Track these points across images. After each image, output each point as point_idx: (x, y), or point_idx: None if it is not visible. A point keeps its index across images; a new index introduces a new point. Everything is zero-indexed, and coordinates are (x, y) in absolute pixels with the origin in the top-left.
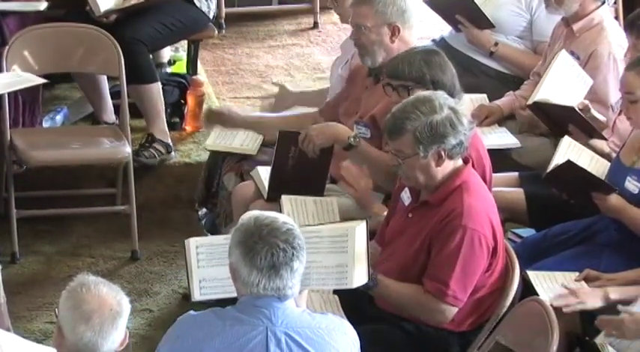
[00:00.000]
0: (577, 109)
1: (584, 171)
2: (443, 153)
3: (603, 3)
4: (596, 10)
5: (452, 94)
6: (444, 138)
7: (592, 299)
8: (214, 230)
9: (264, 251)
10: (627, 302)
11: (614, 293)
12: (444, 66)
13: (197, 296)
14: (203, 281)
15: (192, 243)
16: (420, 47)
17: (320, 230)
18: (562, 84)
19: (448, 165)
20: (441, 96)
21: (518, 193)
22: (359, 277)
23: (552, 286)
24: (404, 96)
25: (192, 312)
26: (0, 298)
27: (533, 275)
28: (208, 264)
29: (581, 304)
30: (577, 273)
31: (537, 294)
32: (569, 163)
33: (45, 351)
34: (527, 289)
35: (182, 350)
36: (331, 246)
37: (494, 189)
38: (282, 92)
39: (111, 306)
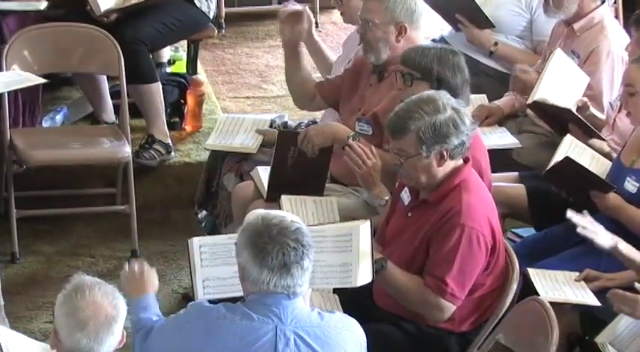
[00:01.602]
0: (574, 111)
1: (583, 168)
2: (445, 153)
3: (603, 2)
4: (596, 9)
5: (455, 97)
6: (447, 138)
7: (603, 238)
8: (215, 232)
9: (275, 251)
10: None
11: (624, 248)
12: (457, 69)
13: (200, 295)
14: (206, 281)
15: (196, 242)
16: (442, 45)
17: (324, 229)
18: (559, 82)
19: (449, 165)
20: (444, 96)
21: (519, 188)
22: (363, 276)
23: (552, 285)
24: (407, 85)
25: (204, 302)
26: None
27: (533, 273)
28: (212, 263)
29: (592, 234)
30: (577, 273)
31: (537, 293)
32: (567, 160)
33: (46, 350)
34: (527, 287)
35: (190, 336)
36: (335, 245)
37: (495, 183)
38: None
39: (106, 312)
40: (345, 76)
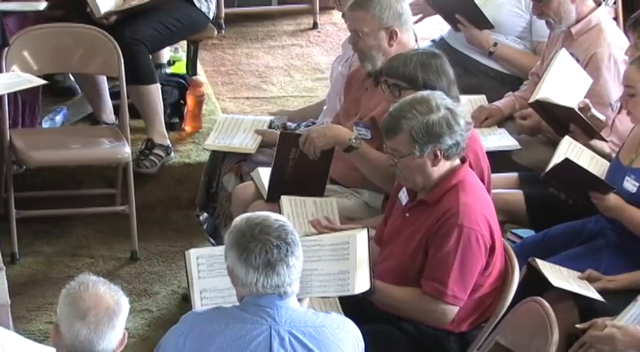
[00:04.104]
0: (577, 110)
1: (582, 169)
2: (439, 153)
3: (599, 5)
4: (593, 12)
5: None
6: (440, 137)
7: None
8: (216, 234)
9: (257, 249)
10: None
11: None
12: (441, 71)
13: (198, 306)
14: (204, 292)
15: (193, 254)
16: (422, 49)
17: (321, 238)
18: (563, 83)
19: (445, 165)
20: (438, 96)
21: (517, 195)
22: (361, 283)
23: (559, 276)
24: (395, 95)
25: (195, 310)
26: (6, 300)
27: (540, 263)
28: (209, 274)
29: None
30: (578, 273)
31: (539, 288)
32: (567, 161)
33: (45, 351)
34: (528, 285)
35: (186, 347)
36: (332, 254)
37: (493, 191)
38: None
39: (107, 305)
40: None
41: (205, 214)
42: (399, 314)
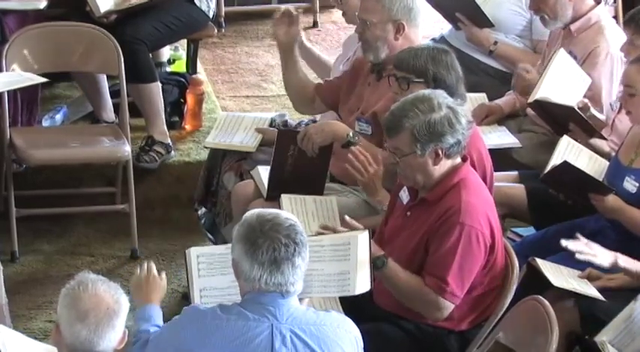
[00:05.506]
0: (577, 109)
1: (581, 171)
2: (440, 152)
3: (598, 3)
4: (592, 10)
5: (452, 95)
6: (442, 136)
7: (602, 258)
8: (214, 229)
9: (265, 245)
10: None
11: (623, 262)
12: (450, 67)
13: None
14: (204, 291)
15: (194, 252)
16: (432, 45)
17: (322, 239)
18: (561, 82)
19: (446, 164)
20: (440, 95)
21: (519, 189)
22: (361, 284)
23: (559, 275)
24: (404, 88)
25: (198, 305)
26: (1, 299)
27: (540, 263)
28: (209, 273)
29: (591, 257)
30: (578, 271)
31: (540, 287)
32: (565, 164)
33: (47, 349)
34: (528, 283)
35: (185, 339)
36: (333, 254)
37: (494, 184)
38: None
39: (107, 305)
40: (343, 77)
41: (203, 209)
42: (398, 297)
